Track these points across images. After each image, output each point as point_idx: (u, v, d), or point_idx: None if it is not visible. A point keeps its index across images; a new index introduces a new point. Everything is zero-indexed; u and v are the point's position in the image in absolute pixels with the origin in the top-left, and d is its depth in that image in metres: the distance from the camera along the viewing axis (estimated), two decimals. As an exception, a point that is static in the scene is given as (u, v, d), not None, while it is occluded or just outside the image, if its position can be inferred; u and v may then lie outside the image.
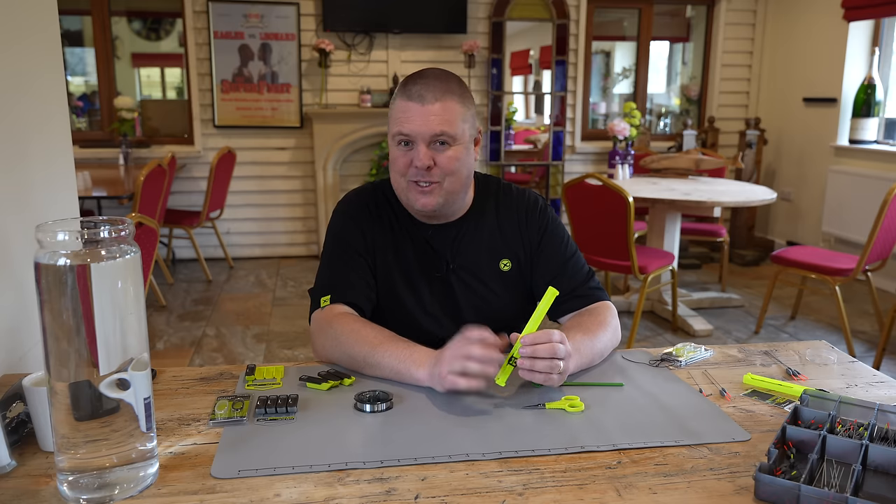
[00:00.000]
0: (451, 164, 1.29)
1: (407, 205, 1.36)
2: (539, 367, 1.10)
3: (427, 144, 1.27)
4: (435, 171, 1.28)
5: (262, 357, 3.43)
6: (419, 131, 1.26)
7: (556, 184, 5.69)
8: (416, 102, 1.26)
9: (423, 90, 1.26)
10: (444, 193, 1.31)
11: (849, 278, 3.43)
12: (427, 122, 1.26)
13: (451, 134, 1.27)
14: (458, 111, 1.28)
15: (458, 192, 1.34)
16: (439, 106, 1.26)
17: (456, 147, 1.29)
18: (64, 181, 1.56)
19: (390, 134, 1.31)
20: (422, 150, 1.27)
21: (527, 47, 5.83)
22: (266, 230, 5.47)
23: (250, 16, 5.09)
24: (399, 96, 1.29)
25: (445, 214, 1.38)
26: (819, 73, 5.23)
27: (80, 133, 5.24)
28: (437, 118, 1.26)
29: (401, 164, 1.30)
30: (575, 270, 1.42)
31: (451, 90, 1.28)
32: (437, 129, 1.26)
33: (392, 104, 1.32)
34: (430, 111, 1.25)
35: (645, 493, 0.88)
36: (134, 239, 0.87)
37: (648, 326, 3.94)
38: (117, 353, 0.84)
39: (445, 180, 1.30)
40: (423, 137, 1.26)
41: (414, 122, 1.26)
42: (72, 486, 0.85)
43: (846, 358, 1.35)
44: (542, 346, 1.10)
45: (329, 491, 0.87)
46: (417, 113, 1.26)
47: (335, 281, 1.35)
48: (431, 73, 1.30)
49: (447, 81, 1.29)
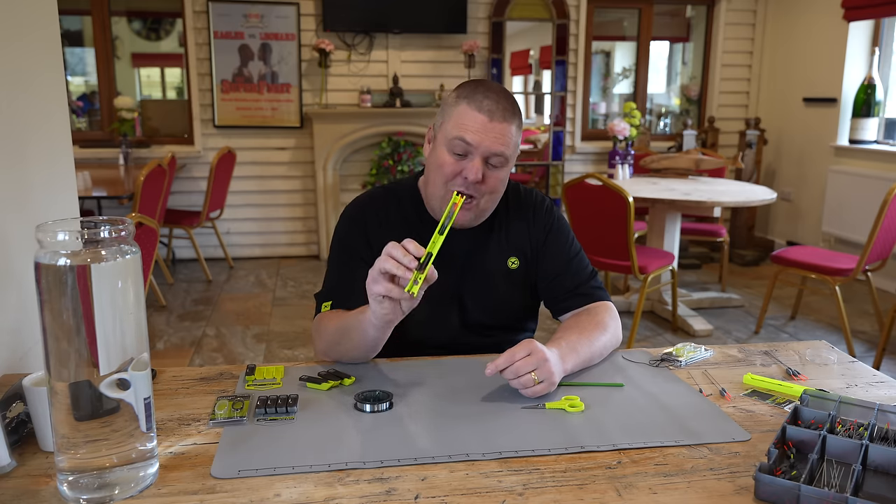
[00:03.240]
0: (498, 184, 1.30)
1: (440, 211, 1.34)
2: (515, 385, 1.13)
3: (483, 161, 1.27)
4: (481, 187, 1.29)
5: (262, 357, 3.43)
6: (481, 146, 1.26)
7: (556, 184, 5.69)
8: (486, 116, 1.25)
9: (493, 106, 1.26)
10: (479, 211, 1.33)
11: (849, 278, 3.43)
12: (491, 140, 1.26)
13: (507, 156, 1.29)
14: (516, 136, 1.30)
15: (490, 211, 1.36)
16: (506, 127, 1.27)
17: (505, 169, 1.31)
18: (64, 181, 1.56)
19: (445, 137, 1.29)
20: (477, 164, 1.26)
21: (527, 47, 5.83)
22: (266, 230, 5.47)
23: (250, 16, 5.09)
24: (465, 102, 1.27)
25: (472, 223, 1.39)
26: (819, 73, 5.23)
27: (80, 133, 5.24)
28: (501, 138, 1.26)
29: (449, 171, 1.29)
30: (578, 269, 1.43)
31: (515, 113, 1.29)
32: (499, 149, 1.26)
33: (453, 107, 1.29)
34: (497, 129, 1.26)
35: (645, 493, 0.88)
36: (134, 239, 0.87)
37: (648, 326, 3.94)
38: (117, 353, 0.84)
39: (484, 198, 1.31)
40: (483, 152, 1.26)
41: (479, 135, 1.25)
42: (72, 486, 0.85)
43: (846, 358, 1.35)
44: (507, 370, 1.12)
45: (329, 491, 0.87)
46: (484, 127, 1.25)
47: (338, 287, 1.37)
48: (498, 88, 1.30)
49: (513, 104, 1.29)
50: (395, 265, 1.06)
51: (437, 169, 1.30)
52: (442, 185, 1.30)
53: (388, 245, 1.08)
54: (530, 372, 1.12)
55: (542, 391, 1.13)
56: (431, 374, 1.24)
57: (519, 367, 1.12)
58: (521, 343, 1.15)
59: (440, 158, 1.29)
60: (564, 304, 1.42)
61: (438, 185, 1.31)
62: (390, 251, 1.07)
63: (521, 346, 1.14)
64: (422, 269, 1.07)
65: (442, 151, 1.29)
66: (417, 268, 1.07)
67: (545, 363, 1.13)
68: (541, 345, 1.16)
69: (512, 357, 1.12)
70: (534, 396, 1.13)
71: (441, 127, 1.31)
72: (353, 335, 1.22)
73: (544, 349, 1.15)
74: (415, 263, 1.06)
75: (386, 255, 1.07)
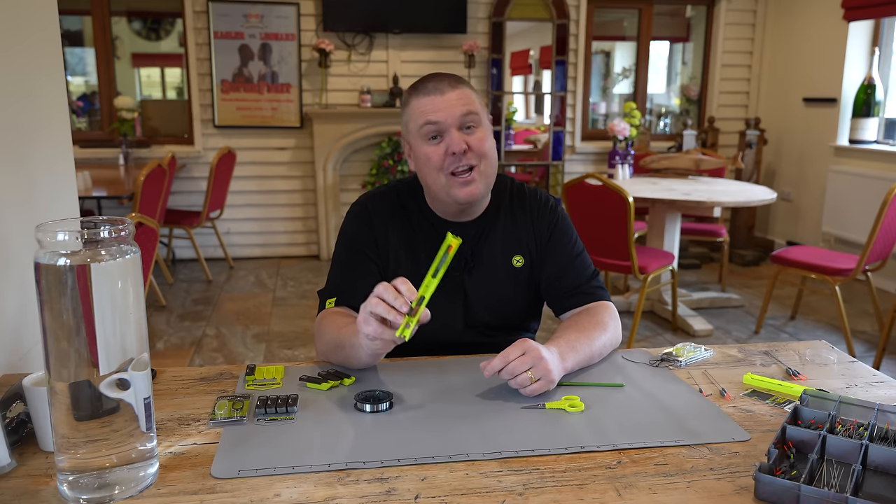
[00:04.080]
0: (483, 144, 1.31)
1: (448, 201, 1.35)
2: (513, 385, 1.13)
3: (458, 129, 1.29)
4: (470, 154, 1.30)
5: (262, 357, 3.43)
6: (447, 117, 1.29)
7: (556, 184, 5.69)
8: (436, 94, 1.30)
9: (437, 83, 1.31)
10: (482, 178, 1.33)
11: (849, 278, 3.43)
12: (453, 107, 1.29)
13: (476, 113, 1.31)
14: (474, 96, 1.34)
15: (492, 177, 1.37)
16: (458, 92, 1.31)
17: (482, 128, 1.32)
18: (64, 181, 1.56)
19: (415, 134, 1.32)
20: (454, 135, 1.29)
21: (527, 47, 5.83)
22: (266, 230, 5.47)
23: (250, 16, 5.09)
24: (414, 97, 1.32)
25: (472, 211, 1.39)
26: (819, 73, 5.23)
27: (80, 133, 5.24)
28: (461, 100, 1.30)
29: (436, 159, 1.30)
30: (580, 268, 1.44)
31: (462, 81, 1.34)
32: (464, 109, 1.29)
33: (407, 107, 1.34)
34: (452, 97, 1.30)
35: (645, 493, 0.88)
36: (134, 239, 0.87)
37: (648, 326, 3.94)
38: (117, 353, 0.84)
39: (481, 163, 1.32)
40: (454, 122, 1.29)
41: (441, 111, 1.29)
42: (72, 486, 0.85)
43: (846, 358, 1.35)
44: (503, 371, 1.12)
45: (329, 491, 0.87)
46: (440, 102, 1.29)
47: (342, 285, 1.37)
48: (437, 74, 1.34)
49: (456, 77, 1.35)
50: (387, 309, 1.04)
51: (426, 164, 1.32)
52: (438, 176, 1.32)
53: (380, 286, 1.06)
54: (526, 371, 1.12)
55: (541, 389, 1.13)
56: (431, 374, 1.24)
57: (514, 367, 1.12)
58: (515, 343, 1.15)
59: (423, 154, 1.32)
60: (565, 302, 1.42)
61: (435, 178, 1.32)
62: (381, 294, 1.05)
63: (515, 345, 1.14)
64: (413, 314, 1.04)
65: (421, 147, 1.32)
66: (409, 312, 1.04)
67: (541, 361, 1.13)
68: (536, 343, 1.16)
69: (506, 358, 1.13)
70: (533, 395, 1.13)
71: (408, 132, 1.35)
72: (347, 352, 1.22)
73: (540, 347, 1.15)
74: (406, 308, 1.03)
75: (377, 297, 1.05)
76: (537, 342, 1.17)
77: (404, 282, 1.06)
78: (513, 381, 1.13)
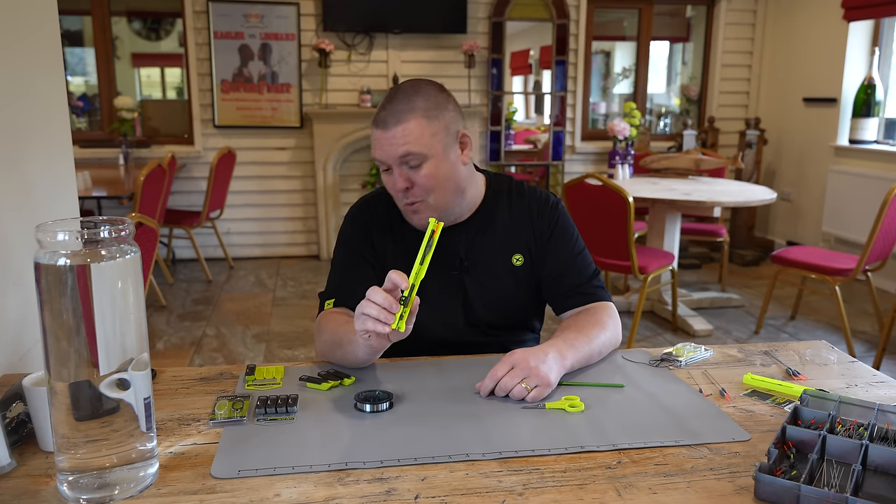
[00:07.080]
0: (429, 181, 1.29)
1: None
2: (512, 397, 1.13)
3: (399, 167, 1.28)
4: (415, 190, 1.30)
5: (262, 357, 3.43)
6: (387, 157, 1.28)
7: (555, 184, 5.69)
8: (381, 129, 1.28)
9: (386, 115, 1.27)
10: (431, 208, 1.32)
11: (849, 278, 3.43)
12: (391, 147, 1.27)
13: (417, 153, 1.27)
14: (422, 128, 1.26)
15: (450, 202, 1.35)
16: (400, 129, 1.26)
17: (429, 163, 1.28)
18: (64, 181, 1.56)
19: None
20: (396, 174, 1.29)
21: (527, 47, 5.83)
22: (266, 230, 5.47)
23: (250, 16, 5.09)
24: (372, 124, 1.31)
25: (450, 220, 1.39)
26: (819, 73, 5.23)
27: (80, 133, 5.24)
28: (399, 140, 1.26)
29: (390, 188, 1.33)
30: (581, 268, 1.44)
31: (412, 108, 1.26)
32: (401, 150, 1.26)
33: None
34: (393, 136, 1.26)
35: (645, 493, 0.88)
36: (134, 239, 0.87)
37: (648, 326, 3.94)
38: (117, 353, 0.84)
39: (430, 197, 1.31)
40: (394, 161, 1.28)
41: (381, 149, 1.28)
42: (72, 486, 0.85)
43: (846, 358, 1.35)
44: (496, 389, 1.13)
45: (329, 491, 0.87)
46: (382, 139, 1.28)
47: (340, 287, 1.38)
48: (399, 92, 1.29)
49: (410, 100, 1.27)
50: (378, 310, 1.06)
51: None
52: (397, 201, 1.35)
53: (371, 290, 1.08)
54: (520, 383, 1.12)
55: (541, 394, 1.13)
56: (431, 374, 1.24)
57: (505, 383, 1.13)
58: (503, 359, 1.16)
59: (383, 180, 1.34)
60: (565, 302, 1.42)
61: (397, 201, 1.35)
62: (371, 296, 1.07)
63: (503, 362, 1.15)
64: (406, 304, 1.06)
65: (382, 174, 1.34)
66: (402, 301, 1.06)
67: (531, 370, 1.14)
68: (525, 351, 1.17)
69: (495, 376, 1.14)
70: (535, 400, 1.13)
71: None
72: (345, 349, 1.22)
73: (529, 355, 1.15)
74: (397, 307, 1.05)
75: (368, 300, 1.07)
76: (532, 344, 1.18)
77: (397, 273, 1.08)
78: (510, 395, 1.14)
